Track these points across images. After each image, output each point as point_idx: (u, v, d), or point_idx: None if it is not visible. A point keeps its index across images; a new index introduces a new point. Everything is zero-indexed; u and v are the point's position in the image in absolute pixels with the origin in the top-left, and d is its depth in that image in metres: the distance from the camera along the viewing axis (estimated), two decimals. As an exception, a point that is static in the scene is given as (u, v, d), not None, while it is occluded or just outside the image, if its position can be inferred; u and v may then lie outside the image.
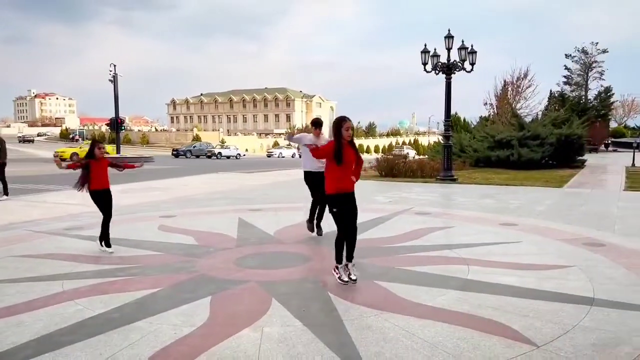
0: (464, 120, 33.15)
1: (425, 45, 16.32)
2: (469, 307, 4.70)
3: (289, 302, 4.92)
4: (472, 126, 29.76)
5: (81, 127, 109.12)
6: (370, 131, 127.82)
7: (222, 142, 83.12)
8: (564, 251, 6.86)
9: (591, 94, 43.84)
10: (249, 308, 4.82)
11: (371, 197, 12.54)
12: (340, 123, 5.50)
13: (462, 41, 15.91)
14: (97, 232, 7.24)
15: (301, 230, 8.23)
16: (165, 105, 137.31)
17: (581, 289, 5.23)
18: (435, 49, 16.47)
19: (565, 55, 47.14)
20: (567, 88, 45.07)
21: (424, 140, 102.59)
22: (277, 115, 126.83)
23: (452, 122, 17.57)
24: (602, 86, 43.48)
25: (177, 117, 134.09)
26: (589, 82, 44.55)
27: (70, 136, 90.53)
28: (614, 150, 36.62)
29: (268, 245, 7.48)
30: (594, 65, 44.69)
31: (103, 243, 7.09)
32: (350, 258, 5.54)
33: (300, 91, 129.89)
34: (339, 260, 5.53)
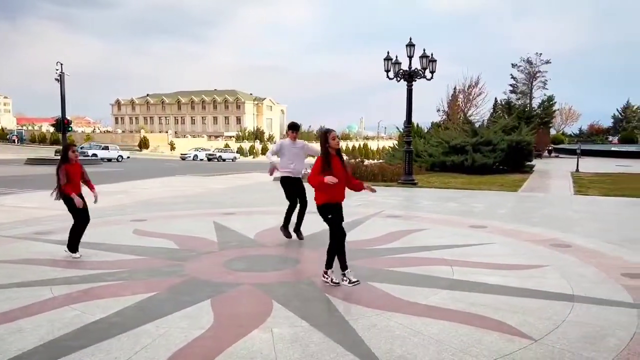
0: (418, 126, 34.02)
1: (388, 52, 16.76)
2: (464, 306, 4.95)
3: (289, 303, 5.02)
4: (425, 132, 30.65)
5: (19, 127, 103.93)
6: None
7: (172, 144, 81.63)
8: (536, 252, 7.27)
9: (535, 102, 46.34)
10: (251, 310, 4.89)
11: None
12: (326, 134, 5.69)
13: (424, 50, 16.46)
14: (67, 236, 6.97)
15: (281, 233, 8.29)
16: (109, 105, 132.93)
17: (560, 286, 5.58)
18: (396, 56, 16.93)
19: (512, 64, 49.66)
20: (513, 96, 47.40)
21: (373, 145, 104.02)
22: (227, 118, 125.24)
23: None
24: (545, 95, 46.11)
25: (121, 118, 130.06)
26: (533, 90, 47.07)
27: (7, 137, 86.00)
28: (556, 156, 38.50)
29: (251, 249, 7.53)
30: (537, 74, 47.21)
31: (68, 249, 6.90)
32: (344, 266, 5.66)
33: (251, 94, 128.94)
34: (329, 265, 5.66)
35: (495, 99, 41.07)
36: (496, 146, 22.41)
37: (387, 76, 16.76)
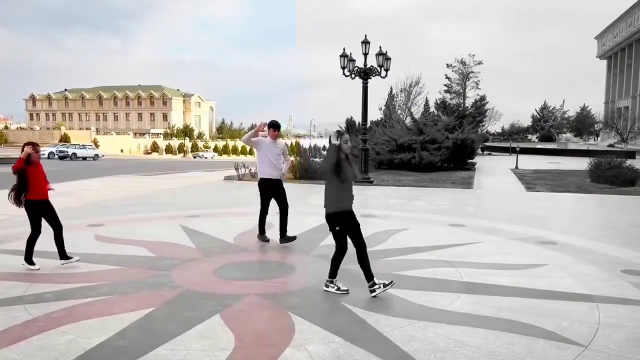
0: (359, 124, 34.15)
1: (344, 49, 16.52)
2: (491, 311, 4.74)
3: (308, 315, 4.61)
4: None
5: None
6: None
7: (95, 142, 77.39)
8: (527, 250, 7.23)
9: (469, 102, 47.95)
10: (271, 325, 4.44)
11: (306, 200, 12.36)
12: (338, 138, 5.30)
13: (380, 47, 16.32)
14: (22, 244, 6.12)
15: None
16: (22, 101, 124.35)
17: (571, 286, 5.51)
18: (350, 53, 16.73)
19: (447, 65, 51.18)
20: (448, 96, 48.88)
21: (305, 143, 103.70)
22: (152, 114, 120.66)
23: (367, 127, 17.89)
24: (478, 95, 47.93)
25: (37, 114, 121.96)
26: (466, 90, 48.77)
27: None
28: (489, 154, 39.96)
29: (237, 255, 7.00)
30: (470, 75, 48.96)
31: (26, 261, 6.12)
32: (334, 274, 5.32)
33: (178, 89, 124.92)
34: (333, 274, 5.30)
35: (426, 98, 42.23)
36: (441, 144, 22.81)
37: (344, 73, 16.53)
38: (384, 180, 18.00)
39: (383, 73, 16.68)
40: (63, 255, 6.25)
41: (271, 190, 7.60)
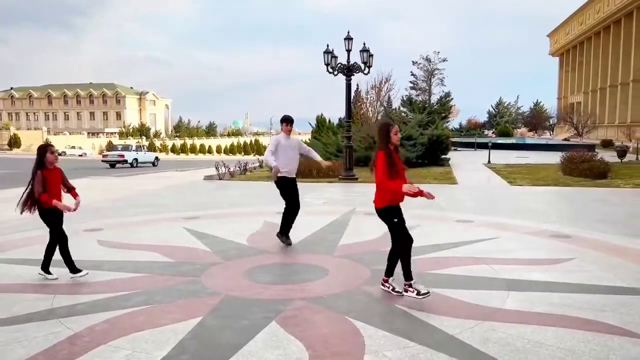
0: (329, 121, 34.11)
1: (328, 45, 16.36)
2: (545, 308, 4.70)
3: (369, 319, 4.45)
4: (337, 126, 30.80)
5: None
6: (210, 131, 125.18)
7: (48, 142, 74.30)
8: (547, 245, 7.29)
9: (434, 98, 48.66)
10: (335, 331, 4.25)
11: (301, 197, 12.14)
12: (388, 127, 5.10)
13: (364, 44, 16.27)
14: (23, 253, 5.71)
15: (274, 238, 7.55)
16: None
17: (611, 279, 5.55)
18: (333, 50, 16.58)
19: (412, 62, 51.88)
20: (414, 92, 49.58)
21: (264, 141, 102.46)
22: (105, 113, 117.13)
23: (351, 122, 17.79)
24: (443, 91, 48.76)
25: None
26: (432, 87, 49.52)
27: None
28: (455, 149, 40.64)
29: (259, 257, 6.76)
30: (435, 72, 49.77)
31: (43, 270, 5.72)
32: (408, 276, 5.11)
33: (132, 87, 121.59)
34: (390, 273, 5.14)
35: (389, 96, 42.61)
36: (417, 141, 22.98)
37: (327, 70, 16.36)
38: (367, 177, 17.95)
39: (366, 70, 16.62)
40: (73, 268, 5.80)
41: (290, 188, 7.41)
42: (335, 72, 16.59)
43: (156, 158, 38.71)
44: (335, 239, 7.64)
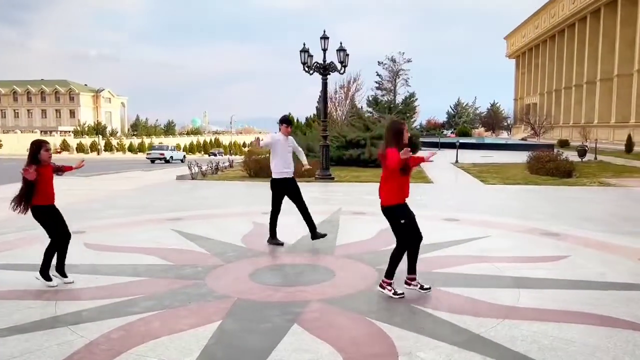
0: (297, 120, 34.00)
1: (304, 44, 16.27)
2: (559, 305, 4.78)
3: (391, 320, 4.44)
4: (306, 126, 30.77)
5: None
6: (169, 129, 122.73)
7: None
8: (539, 242, 7.44)
9: (399, 99, 49.28)
10: (361, 332, 4.21)
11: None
12: (401, 127, 5.12)
13: (340, 43, 16.27)
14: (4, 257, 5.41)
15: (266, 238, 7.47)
16: None
17: (613, 276, 5.71)
18: (308, 49, 16.49)
19: (378, 62, 52.31)
20: (379, 92, 50.05)
21: (224, 140, 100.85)
22: (58, 111, 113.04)
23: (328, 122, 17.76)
24: (408, 92, 49.52)
25: None
26: (397, 87, 50.06)
27: None
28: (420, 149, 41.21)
29: (260, 259, 6.65)
30: (400, 72, 50.35)
31: (42, 275, 5.41)
32: (414, 270, 5.16)
33: (86, 84, 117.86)
34: (391, 275, 5.12)
35: (352, 96, 42.76)
36: (387, 140, 23.16)
37: (304, 69, 16.27)
38: (342, 176, 17.99)
39: (342, 69, 16.62)
40: (62, 271, 5.54)
41: (285, 189, 7.31)
42: (311, 71, 16.52)
43: (184, 156, 46.38)
44: (331, 239, 7.58)
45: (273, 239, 7.34)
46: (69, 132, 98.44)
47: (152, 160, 42.59)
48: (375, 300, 4.99)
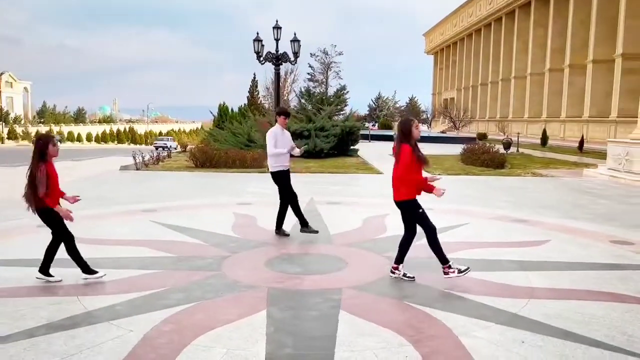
0: (232, 110, 33.43)
1: (258, 33, 16.06)
2: (571, 284, 5.24)
3: (431, 304, 4.66)
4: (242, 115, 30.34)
5: None
6: (79, 117, 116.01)
7: None
8: (517, 228, 7.95)
9: (331, 91, 49.82)
10: (410, 316, 4.40)
11: (243, 188, 11.94)
12: (411, 123, 5.34)
13: (295, 34, 16.24)
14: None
15: (259, 228, 7.47)
16: None
17: (595, 257, 6.27)
18: (262, 40, 16.34)
19: (310, 54, 52.43)
20: (312, 84, 50.24)
21: (139, 129, 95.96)
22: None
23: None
24: (340, 84, 49.98)
25: None
26: (329, 80, 50.57)
27: None
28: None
29: (266, 249, 6.66)
30: (332, 65, 50.88)
31: (42, 272, 5.17)
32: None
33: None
34: (401, 260, 5.35)
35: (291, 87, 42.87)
36: (329, 132, 23.46)
37: (257, 58, 16.09)
38: (293, 167, 17.96)
39: (294, 60, 16.63)
40: (86, 268, 5.25)
41: (287, 181, 7.35)
42: (263, 61, 16.39)
43: (177, 146, 47.87)
44: (322, 229, 7.67)
45: (279, 229, 7.32)
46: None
47: (157, 148, 43.44)
48: (402, 286, 5.17)
